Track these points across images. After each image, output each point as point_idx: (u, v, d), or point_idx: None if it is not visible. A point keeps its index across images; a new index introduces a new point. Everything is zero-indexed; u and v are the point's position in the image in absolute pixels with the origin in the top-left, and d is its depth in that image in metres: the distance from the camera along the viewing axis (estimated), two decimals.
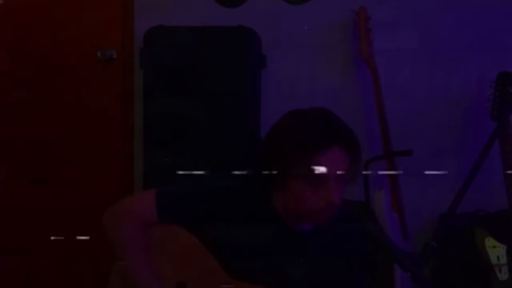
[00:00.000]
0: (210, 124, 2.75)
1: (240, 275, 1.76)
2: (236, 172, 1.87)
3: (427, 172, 2.82)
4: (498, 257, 2.57)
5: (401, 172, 2.74)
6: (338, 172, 1.63)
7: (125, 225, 1.78)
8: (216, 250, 1.77)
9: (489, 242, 2.59)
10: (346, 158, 1.64)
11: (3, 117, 2.96)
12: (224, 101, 2.76)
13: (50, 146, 2.96)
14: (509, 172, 2.57)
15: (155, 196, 1.79)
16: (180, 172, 2.70)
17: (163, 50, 2.81)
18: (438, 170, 2.84)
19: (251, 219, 1.76)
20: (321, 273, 1.76)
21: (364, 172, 2.59)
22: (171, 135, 2.78)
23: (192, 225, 1.77)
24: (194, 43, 2.78)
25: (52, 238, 2.96)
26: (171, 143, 2.78)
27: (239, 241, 1.76)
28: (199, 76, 2.76)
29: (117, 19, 2.93)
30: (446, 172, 2.82)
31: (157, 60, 2.80)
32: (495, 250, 2.58)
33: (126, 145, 2.97)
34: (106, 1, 2.94)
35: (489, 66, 2.76)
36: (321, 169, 1.61)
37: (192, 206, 1.77)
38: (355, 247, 1.80)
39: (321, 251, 1.78)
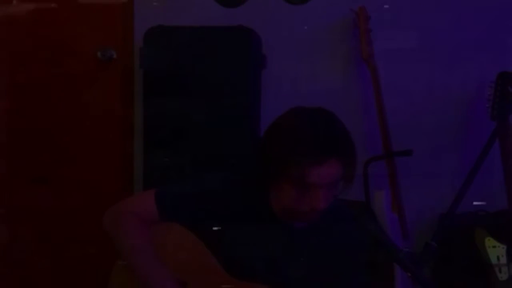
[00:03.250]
0: (210, 124, 2.75)
1: (239, 273, 1.76)
2: (235, 171, 1.87)
3: (427, 172, 2.82)
4: (498, 257, 2.58)
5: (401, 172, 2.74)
6: (328, 183, 1.63)
7: (126, 226, 1.78)
8: (216, 249, 1.77)
9: (489, 242, 2.59)
10: (338, 170, 1.64)
11: (3, 116, 2.96)
12: (224, 101, 2.75)
13: (50, 146, 2.96)
14: (509, 172, 2.57)
15: (155, 196, 1.79)
16: (180, 172, 2.70)
17: (163, 50, 2.80)
18: (438, 170, 2.84)
19: (249, 217, 1.77)
20: (319, 272, 1.77)
21: (364, 172, 2.59)
22: (171, 135, 2.78)
23: (192, 223, 1.77)
24: (194, 43, 2.78)
25: (52, 238, 2.96)
26: (171, 143, 2.78)
27: (237, 239, 1.76)
28: (199, 76, 2.76)
29: (117, 19, 2.93)
30: (446, 172, 2.82)
31: (157, 60, 2.80)
32: (495, 250, 2.58)
33: (126, 145, 2.97)
34: (106, 1, 2.94)
35: (489, 66, 2.76)
36: (311, 181, 1.61)
37: (191, 205, 1.77)
38: (354, 246, 1.81)
39: (319, 250, 1.78)
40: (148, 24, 2.83)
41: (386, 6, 2.82)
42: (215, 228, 1.77)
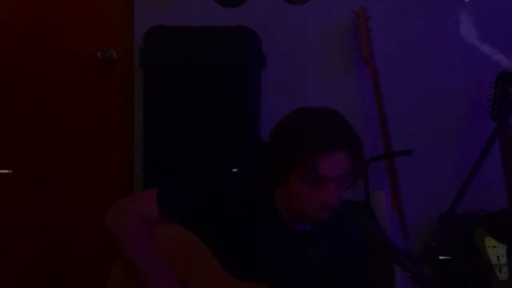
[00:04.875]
0: (210, 124, 2.75)
1: (240, 274, 1.76)
2: (237, 171, 1.87)
3: (427, 172, 2.82)
4: (498, 257, 2.57)
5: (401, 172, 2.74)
6: (339, 176, 1.64)
7: (127, 225, 1.78)
8: (217, 249, 1.77)
9: (489, 242, 2.59)
10: (348, 163, 1.64)
11: (3, 116, 2.96)
12: (224, 101, 2.76)
13: (50, 146, 2.96)
14: (509, 172, 2.57)
15: (157, 195, 1.79)
16: (180, 172, 2.70)
17: (163, 50, 2.81)
18: (438, 170, 2.84)
19: (251, 218, 1.77)
20: (320, 272, 1.77)
21: (364, 172, 2.59)
22: (171, 135, 2.78)
23: (193, 223, 1.77)
24: (194, 43, 2.78)
25: (52, 238, 2.96)
26: (171, 143, 2.78)
27: (239, 240, 1.76)
28: (199, 76, 2.76)
29: (117, 19, 2.93)
30: (446, 172, 2.82)
31: (157, 60, 2.80)
32: (495, 250, 2.58)
33: (126, 145, 2.97)
34: (106, 1, 2.94)
35: (489, 66, 2.76)
36: (322, 172, 1.61)
37: (193, 205, 1.77)
38: (354, 246, 1.81)
39: (320, 250, 1.78)
40: (148, 24, 2.83)
41: (386, 6, 2.82)
42: (216, 229, 1.77)
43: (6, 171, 2.92)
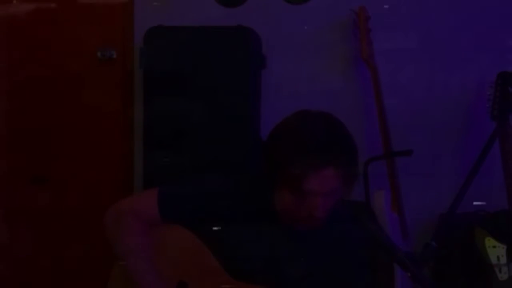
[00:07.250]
0: (210, 124, 2.75)
1: (240, 275, 1.76)
2: (237, 172, 1.87)
3: (427, 172, 2.82)
4: (498, 257, 2.57)
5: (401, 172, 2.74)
6: (326, 191, 1.62)
7: (127, 225, 1.78)
8: (217, 250, 1.77)
9: (489, 242, 2.59)
10: (336, 178, 1.62)
11: (3, 116, 2.96)
12: (224, 101, 2.76)
13: (50, 145, 2.96)
14: (509, 172, 2.57)
15: (157, 195, 1.79)
16: (180, 172, 2.70)
17: (163, 50, 2.81)
18: (438, 170, 2.84)
19: (251, 219, 1.77)
20: (320, 273, 1.77)
21: (364, 172, 2.59)
22: (171, 135, 2.78)
23: (194, 224, 1.77)
24: (194, 43, 2.78)
25: (52, 238, 2.96)
26: (171, 143, 2.78)
27: (239, 241, 1.76)
28: (199, 76, 2.76)
29: (117, 19, 2.93)
30: (446, 172, 2.83)
31: (157, 60, 2.80)
32: (495, 250, 2.58)
33: (126, 145, 2.97)
34: (106, 1, 2.94)
35: (489, 66, 2.76)
36: (307, 188, 1.61)
37: (193, 205, 1.77)
38: (354, 246, 1.80)
39: (320, 251, 1.78)
40: (148, 24, 2.83)
41: (386, 6, 2.82)
42: (216, 229, 1.77)
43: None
